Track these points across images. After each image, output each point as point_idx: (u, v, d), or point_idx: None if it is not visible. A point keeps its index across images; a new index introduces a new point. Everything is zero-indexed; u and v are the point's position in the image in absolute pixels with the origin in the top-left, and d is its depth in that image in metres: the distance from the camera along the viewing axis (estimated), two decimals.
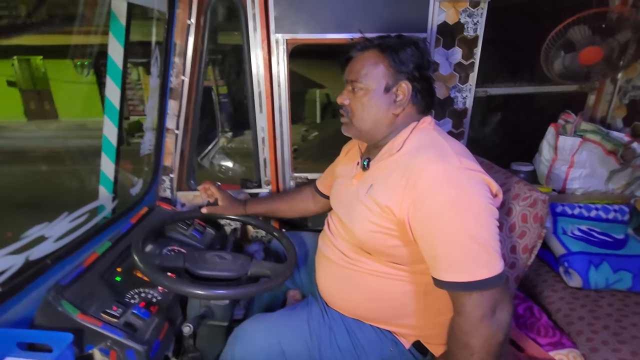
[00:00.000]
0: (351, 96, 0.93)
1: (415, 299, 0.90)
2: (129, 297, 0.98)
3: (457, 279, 0.73)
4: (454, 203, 0.74)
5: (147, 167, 1.48)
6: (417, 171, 0.78)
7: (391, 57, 0.88)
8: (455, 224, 0.74)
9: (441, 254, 0.76)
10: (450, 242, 0.74)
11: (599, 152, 1.40)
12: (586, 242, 1.33)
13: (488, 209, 0.76)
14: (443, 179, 0.76)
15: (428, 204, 0.75)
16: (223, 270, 1.01)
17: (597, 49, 1.32)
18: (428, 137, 0.87)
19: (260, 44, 1.39)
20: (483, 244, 0.74)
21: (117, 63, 1.27)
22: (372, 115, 0.90)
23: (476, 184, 0.77)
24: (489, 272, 0.73)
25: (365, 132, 0.94)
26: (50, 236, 0.96)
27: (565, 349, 1.05)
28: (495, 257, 0.74)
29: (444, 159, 0.78)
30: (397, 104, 0.90)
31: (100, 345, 0.82)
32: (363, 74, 0.90)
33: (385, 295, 0.92)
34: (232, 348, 0.96)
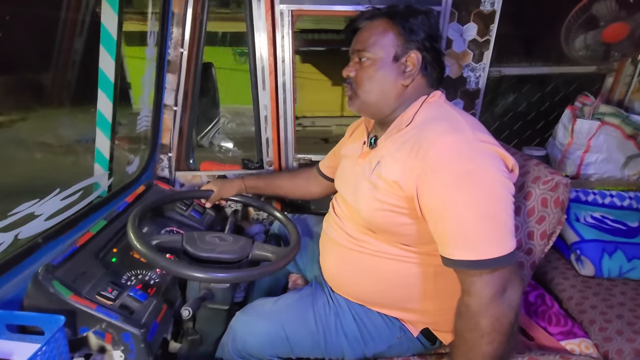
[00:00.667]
0: (357, 67, 0.88)
1: (424, 282, 0.86)
2: (125, 278, 0.94)
3: (467, 257, 0.69)
4: (467, 175, 0.69)
5: (144, 145, 1.42)
6: (428, 142, 0.73)
7: (401, 24, 0.84)
8: (468, 198, 0.69)
9: (451, 229, 0.71)
10: (461, 217, 0.69)
11: (618, 136, 1.35)
12: (599, 229, 1.29)
13: (503, 182, 0.71)
14: (455, 150, 0.71)
15: (439, 176, 0.71)
16: (223, 252, 0.95)
17: (623, 25, 1.24)
18: (440, 109, 0.82)
19: (263, 16, 1.31)
20: (496, 220, 0.69)
21: (111, 32, 1.19)
22: (380, 86, 0.86)
23: (490, 157, 0.72)
24: (500, 251, 0.68)
25: (371, 105, 0.88)
26: (41, 214, 0.91)
27: (577, 339, 1.02)
28: (508, 234, 0.70)
29: (457, 131, 0.73)
30: (406, 75, 0.85)
31: (94, 327, 0.78)
32: (371, 42, 0.85)
33: (393, 278, 0.88)
34: (234, 333, 0.93)
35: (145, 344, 0.80)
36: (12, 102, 1.33)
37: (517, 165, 0.77)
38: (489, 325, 0.68)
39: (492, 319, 0.68)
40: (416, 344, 0.93)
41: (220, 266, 0.94)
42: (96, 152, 1.29)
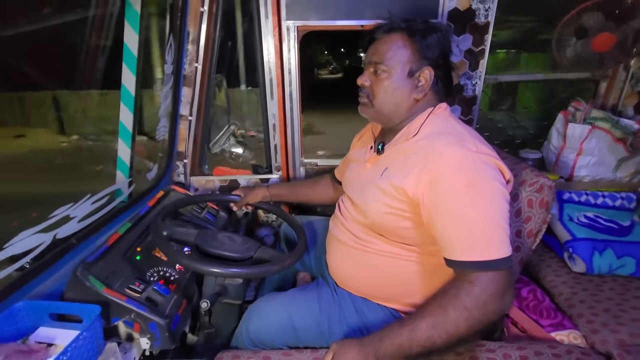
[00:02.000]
0: (372, 78, 0.93)
1: (422, 279, 0.94)
2: (149, 275, 1.04)
3: (472, 258, 0.75)
4: (471, 185, 0.77)
5: (161, 153, 1.53)
6: (436, 154, 0.80)
7: (418, 42, 0.89)
8: (472, 205, 0.76)
9: (456, 234, 0.77)
10: (465, 223, 0.76)
11: (608, 140, 1.41)
12: (592, 228, 1.35)
13: (502, 192, 0.78)
14: (461, 162, 0.78)
15: (445, 185, 0.78)
16: (229, 250, 1.05)
17: (611, 36, 1.31)
18: (445, 123, 0.89)
19: (271, 31, 1.41)
20: (497, 225, 0.75)
21: (132, 50, 1.31)
22: (394, 98, 0.91)
23: (491, 168, 0.80)
24: (502, 253, 0.74)
25: (384, 115, 0.95)
26: (75, 216, 1.02)
27: (566, 330, 1.08)
28: (506, 239, 0.77)
29: (462, 144, 0.80)
30: (419, 90, 0.91)
31: (124, 317, 0.88)
32: (388, 56, 0.90)
33: (394, 275, 0.95)
34: (247, 323, 1.01)
35: (169, 333, 0.90)
36: None
37: (512, 177, 0.85)
38: (479, 316, 0.73)
39: (484, 312, 0.73)
40: None
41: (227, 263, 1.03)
42: (118, 161, 1.40)
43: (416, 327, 0.76)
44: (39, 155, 3.92)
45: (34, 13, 0.91)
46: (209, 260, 1.01)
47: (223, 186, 1.64)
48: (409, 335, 0.76)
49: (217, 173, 1.66)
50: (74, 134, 4.81)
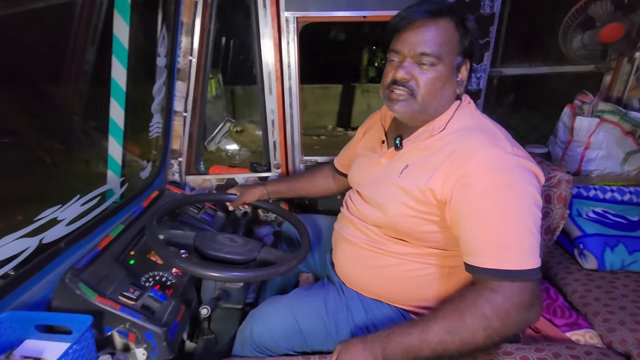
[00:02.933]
0: (414, 71, 0.80)
1: (438, 282, 0.89)
2: (144, 280, 0.97)
3: (499, 266, 0.69)
4: (505, 187, 0.71)
5: (155, 151, 1.46)
6: (468, 152, 0.75)
7: (462, 30, 0.80)
8: (504, 208, 0.71)
9: (483, 239, 0.72)
10: (495, 227, 0.71)
11: (617, 133, 1.38)
12: (601, 224, 1.32)
13: (536, 198, 0.73)
14: (495, 163, 0.73)
15: (477, 185, 0.72)
16: (231, 253, 0.99)
17: (619, 25, 1.27)
18: (475, 119, 0.83)
19: (269, 23, 1.35)
20: (528, 233, 0.70)
21: (123, 42, 1.23)
22: (443, 95, 0.82)
23: (526, 172, 0.74)
24: (532, 263, 0.69)
25: (427, 113, 0.84)
26: (63, 219, 0.95)
27: (581, 330, 1.05)
28: (537, 249, 0.72)
29: (496, 144, 0.75)
30: (459, 83, 0.83)
31: (118, 327, 0.81)
32: (439, 46, 0.77)
33: (408, 277, 0.90)
34: (250, 327, 0.96)
35: (167, 342, 0.83)
36: None
37: (544, 178, 0.79)
38: (499, 326, 0.69)
39: (505, 323, 0.69)
40: None
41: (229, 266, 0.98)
42: (109, 159, 1.33)
43: (428, 328, 0.72)
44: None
45: None
46: (211, 264, 0.94)
47: (220, 185, 1.58)
48: (419, 336, 0.72)
49: (214, 172, 1.59)
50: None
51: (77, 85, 1.21)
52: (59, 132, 1.18)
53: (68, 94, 1.20)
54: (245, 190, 1.30)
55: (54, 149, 1.16)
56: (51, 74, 1.14)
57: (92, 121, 1.28)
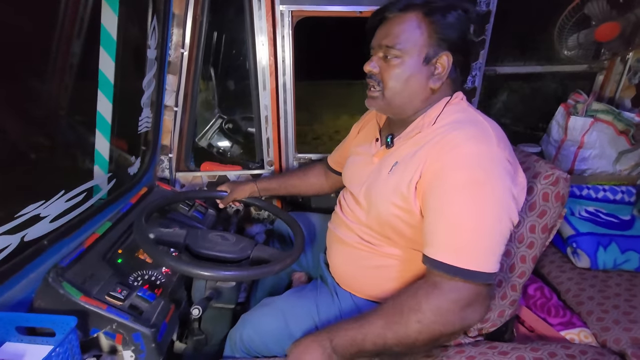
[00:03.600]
0: (382, 64, 0.81)
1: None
2: (132, 279, 0.94)
3: (449, 261, 0.69)
4: (480, 185, 0.69)
5: (144, 146, 1.41)
6: (452, 144, 0.72)
7: (437, 22, 0.77)
8: (470, 206, 0.69)
9: (442, 230, 0.71)
10: (457, 222, 0.69)
11: (610, 133, 1.39)
12: (594, 223, 1.33)
13: (509, 208, 0.71)
14: (476, 158, 0.70)
15: (452, 178, 0.70)
16: (224, 251, 0.96)
17: (615, 25, 1.28)
18: (465, 113, 0.79)
19: (264, 17, 1.32)
20: (489, 237, 0.69)
21: (111, 33, 1.19)
22: (408, 88, 0.80)
23: (507, 173, 0.71)
24: (482, 266, 0.68)
25: (396, 107, 0.84)
26: (47, 215, 0.90)
27: (576, 329, 1.05)
28: (495, 255, 0.70)
29: (482, 139, 0.72)
30: (435, 78, 0.80)
31: (105, 328, 0.78)
32: (402, 39, 0.77)
33: (401, 277, 0.89)
34: (241, 331, 0.93)
35: (155, 344, 0.81)
36: None
37: (526, 183, 0.78)
38: (431, 322, 0.68)
39: (438, 319, 0.68)
40: None
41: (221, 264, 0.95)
42: (96, 154, 1.28)
43: (369, 322, 0.73)
44: None
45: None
46: (203, 263, 0.91)
47: (211, 182, 1.54)
48: (360, 330, 0.72)
49: (205, 169, 1.55)
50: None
51: (62, 78, 1.16)
52: (43, 125, 1.13)
53: (52, 86, 1.15)
54: (236, 187, 1.27)
55: (37, 143, 1.11)
56: (35, 66, 1.09)
57: (79, 115, 1.23)
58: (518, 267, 0.94)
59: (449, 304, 0.69)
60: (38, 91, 1.10)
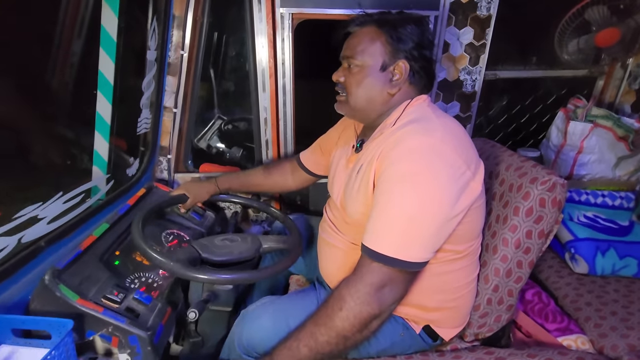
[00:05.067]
0: (346, 73, 0.89)
1: (425, 280, 0.88)
2: (129, 281, 0.94)
3: (369, 244, 0.74)
4: (412, 177, 0.72)
5: (143, 147, 1.41)
6: (397, 140, 0.76)
7: (389, 33, 0.84)
8: (400, 198, 0.73)
9: (373, 218, 0.76)
10: (384, 209, 0.74)
11: (610, 138, 1.39)
12: (592, 228, 1.33)
13: (441, 200, 0.73)
14: (414, 151, 0.74)
15: (390, 170, 0.74)
16: (241, 253, 0.97)
17: (615, 30, 1.28)
18: (420, 112, 0.83)
19: (264, 19, 1.32)
20: (415, 227, 0.72)
21: (111, 34, 1.19)
22: (367, 93, 0.87)
23: (446, 168, 0.73)
24: (401, 254, 0.72)
25: (358, 111, 0.90)
26: (44, 217, 0.90)
27: (573, 335, 1.05)
28: (419, 244, 0.73)
29: (425, 133, 0.75)
30: (393, 84, 0.86)
31: (101, 331, 0.78)
32: (359, 50, 0.85)
33: None
34: (240, 329, 0.93)
35: (152, 347, 0.80)
36: None
37: (481, 175, 0.79)
38: (352, 306, 0.73)
39: (358, 302, 0.73)
40: (418, 341, 0.95)
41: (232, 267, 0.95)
42: (94, 155, 1.28)
43: (301, 327, 0.77)
44: None
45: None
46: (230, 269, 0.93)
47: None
48: (294, 336, 0.76)
49: (204, 169, 1.55)
50: None
51: (62, 78, 1.16)
52: (42, 126, 1.13)
53: (53, 86, 1.15)
54: (192, 189, 1.24)
55: (37, 144, 1.12)
56: (35, 66, 1.09)
57: (78, 115, 1.23)
58: (515, 272, 0.94)
59: (365, 287, 0.73)
60: (38, 91, 1.10)
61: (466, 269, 0.91)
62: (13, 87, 0.99)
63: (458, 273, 0.90)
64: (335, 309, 0.73)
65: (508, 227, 0.93)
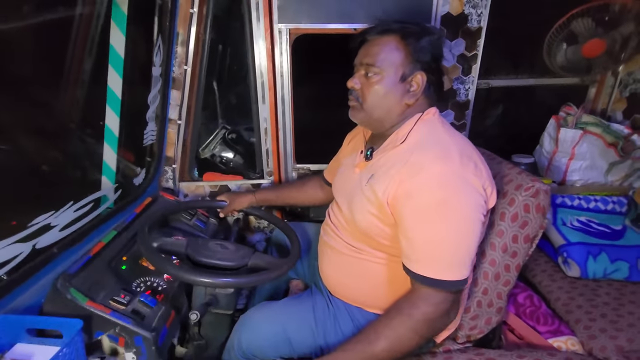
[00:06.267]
0: (363, 80, 0.90)
1: None
2: (135, 285, 0.99)
3: (429, 274, 0.78)
4: (443, 204, 0.77)
5: (149, 158, 1.48)
6: (417, 166, 0.79)
7: (412, 45, 0.86)
8: (441, 224, 0.77)
9: (420, 247, 0.79)
10: (431, 239, 0.78)
11: (600, 144, 1.42)
12: (585, 232, 1.35)
13: (474, 218, 0.79)
14: (439, 179, 0.78)
15: (420, 199, 0.78)
16: (223, 259, 1.01)
17: (600, 42, 1.32)
18: (433, 132, 0.86)
19: (263, 34, 1.38)
20: (460, 248, 0.78)
21: (119, 51, 1.26)
22: (385, 103, 0.89)
23: (470, 187, 0.79)
24: (459, 275, 0.78)
25: (374, 120, 0.92)
26: (56, 225, 0.96)
27: (563, 336, 1.07)
28: (464, 264, 0.79)
29: (445, 159, 0.79)
30: (411, 94, 0.88)
31: (108, 331, 0.83)
32: (381, 58, 0.86)
33: (389, 282, 0.93)
34: (239, 334, 0.97)
35: (156, 347, 0.85)
36: None
37: (494, 190, 0.85)
38: (425, 332, 0.80)
39: (431, 328, 0.80)
40: None
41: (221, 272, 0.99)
42: (104, 166, 1.35)
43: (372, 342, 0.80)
44: None
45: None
46: (202, 270, 0.96)
47: (213, 192, 1.60)
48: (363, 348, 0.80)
49: (207, 178, 1.61)
50: None
51: (74, 93, 1.23)
52: (55, 138, 1.20)
53: (65, 101, 1.22)
54: (235, 197, 1.34)
55: (49, 156, 1.18)
56: (48, 82, 1.16)
57: (88, 128, 1.30)
58: (502, 275, 0.97)
59: (436, 311, 0.79)
60: (51, 106, 1.17)
61: None
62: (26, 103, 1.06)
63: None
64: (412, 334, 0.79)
65: (495, 232, 0.97)
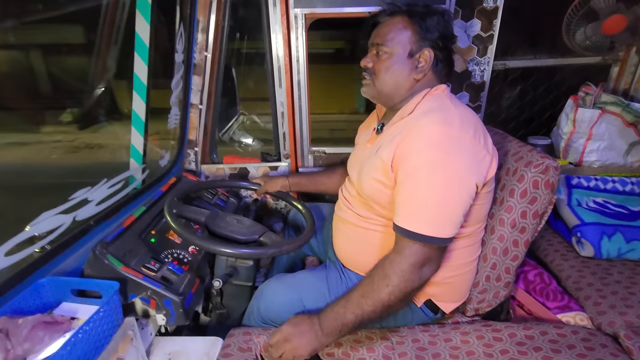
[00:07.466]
0: (375, 59, 0.97)
1: None
2: (163, 255, 1.08)
3: (407, 226, 0.83)
4: (437, 164, 0.81)
5: (173, 141, 1.56)
6: (417, 128, 0.84)
7: (418, 23, 0.92)
8: (429, 182, 0.82)
9: (404, 200, 0.84)
10: (416, 193, 0.83)
11: (619, 124, 1.39)
12: (601, 213, 1.35)
13: (466, 182, 0.83)
14: (437, 138, 0.82)
15: (415, 158, 0.83)
16: (235, 232, 1.10)
17: (621, 17, 1.28)
18: (439, 102, 0.91)
19: (279, 20, 1.42)
20: (444, 208, 0.82)
21: (144, 40, 1.33)
22: (394, 78, 0.95)
23: (466, 152, 0.82)
24: (436, 232, 0.82)
25: (385, 94, 0.98)
26: (93, 200, 1.06)
27: (572, 312, 1.09)
28: (448, 223, 0.83)
29: (444, 123, 0.83)
30: (419, 70, 0.94)
31: (141, 294, 0.92)
32: (389, 38, 0.93)
33: None
34: (258, 301, 1.05)
35: (183, 310, 0.94)
36: None
37: (495, 159, 0.88)
38: (397, 283, 0.83)
39: (402, 279, 0.83)
40: (420, 314, 1.03)
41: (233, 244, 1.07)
42: (132, 149, 1.44)
43: (348, 297, 0.86)
44: None
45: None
46: (213, 239, 1.05)
47: (233, 174, 1.68)
48: (341, 304, 0.86)
49: (227, 161, 1.69)
50: None
51: (102, 80, 1.32)
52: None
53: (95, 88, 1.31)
54: (269, 180, 1.41)
55: None
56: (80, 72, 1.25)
57: (120, 112, 1.39)
58: (511, 251, 1.00)
59: (409, 266, 0.84)
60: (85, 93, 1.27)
61: (469, 249, 0.99)
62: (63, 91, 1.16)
63: (461, 252, 0.97)
64: (382, 286, 0.83)
65: (504, 208, 0.99)
